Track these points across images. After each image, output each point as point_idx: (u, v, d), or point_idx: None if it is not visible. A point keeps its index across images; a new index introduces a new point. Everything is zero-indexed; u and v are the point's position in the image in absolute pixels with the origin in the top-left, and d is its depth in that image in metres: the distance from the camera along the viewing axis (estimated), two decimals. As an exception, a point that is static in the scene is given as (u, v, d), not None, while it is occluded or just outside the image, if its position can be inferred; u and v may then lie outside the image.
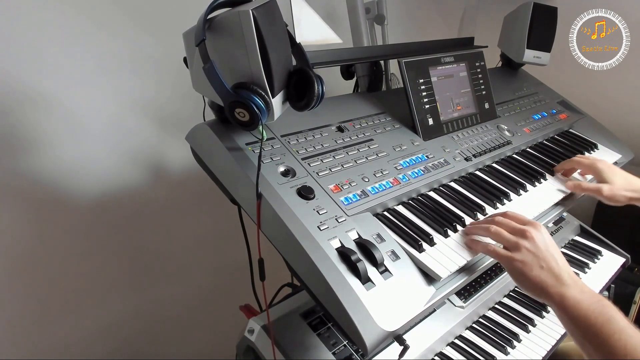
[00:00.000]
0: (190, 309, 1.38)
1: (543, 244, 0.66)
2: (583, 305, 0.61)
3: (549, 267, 0.64)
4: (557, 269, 0.64)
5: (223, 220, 1.22)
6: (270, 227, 0.63)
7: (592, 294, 0.63)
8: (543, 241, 0.66)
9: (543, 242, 0.66)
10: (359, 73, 1.07)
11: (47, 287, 1.07)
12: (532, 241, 0.66)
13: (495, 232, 0.68)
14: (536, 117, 1.17)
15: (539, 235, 0.66)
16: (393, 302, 0.59)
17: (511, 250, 0.66)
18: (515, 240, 0.66)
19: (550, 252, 0.66)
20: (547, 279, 0.64)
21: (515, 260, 0.65)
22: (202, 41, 0.59)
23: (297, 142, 0.73)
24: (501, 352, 0.92)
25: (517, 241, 0.66)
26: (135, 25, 1.07)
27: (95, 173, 1.09)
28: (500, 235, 0.68)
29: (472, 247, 0.69)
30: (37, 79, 0.96)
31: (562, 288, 0.63)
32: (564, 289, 0.63)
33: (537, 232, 0.67)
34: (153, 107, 1.15)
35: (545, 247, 0.66)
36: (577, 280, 0.65)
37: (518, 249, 0.66)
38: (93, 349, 1.19)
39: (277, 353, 0.71)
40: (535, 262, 0.64)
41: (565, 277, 0.64)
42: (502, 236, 0.67)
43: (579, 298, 0.62)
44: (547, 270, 0.64)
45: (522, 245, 0.65)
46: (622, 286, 1.45)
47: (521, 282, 0.66)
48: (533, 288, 0.65)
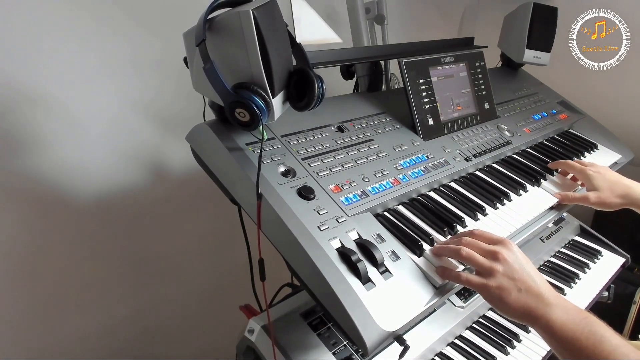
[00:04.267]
0: (190, 309, 1.38)
1: (517, 264, 0.61)
2: (570, 327, 0.57)
3: (527, 288, 0.60)
4: (535, 288, 0.60)
5: (223, 220, 1.21)
6: (271, 227, 0.63)
7: (577, 311, 0.60)
8: (516, 261, 0.62)
9: (517, 262, 0.62)
10: (359, 73, 1.07)
11: (47, 287, 1.07)
12: (505, 263, 0.61)
13: (466, 256, 0.63)
14: (536, 117, 1.17)
15: (511, 256, 0.62)
16: (393, 303, 0.59)
17: (485, 276, 0.61)
18: (489, 265, 0.61)
19: (526, 271, 0.61)
20: (528, 300, 0.59)
21: (490, 287, 0.60)
22: (203, 41, 0.59)
23: (297, 142, 0.73)
24: (501, 352, 0.92)
25: (490, 265, 0.61)
26: (135, 25, 1.07)
27: (95, 173, 1.09)
28: (472, 259, 0.62)
29: (442, 275, 0.64)
30: (37, 79, 0.96)
31: (547, 309, 0.59)
32: (549, 311, 0.59)
33: (509, 252, 0.62)
34: (153, 107, 1.15)
35: (520, 267, 0.61)
36: (558, 297, 0.61)
37: (492, 274, 0.61)
38: (93, 348, 1.19)
39: (277, 353, 0.71)
40: (512, 285, 0.60)
41: (546, 294, 0.60)
42: (474, 260, 0.62)
43: (564, 319, 0.58)
44: (526, 291, 0.60)
45: (496, 270, 0.61)
46: (622, 286, 1.45)
47: (501, 308, 0.61)
48: (515, 312, 0.60)
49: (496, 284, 0.60)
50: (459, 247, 0.64)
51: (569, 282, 1.12)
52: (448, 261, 0.67)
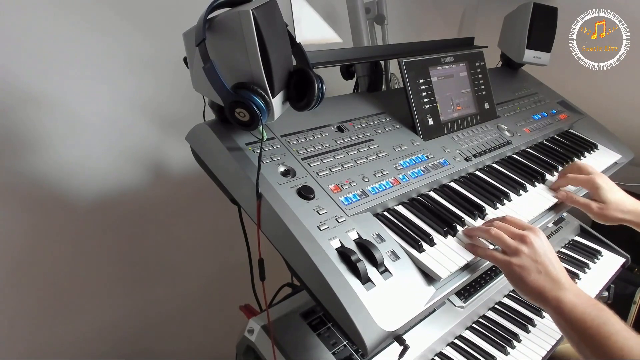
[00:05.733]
0: (190, 309, 1.38)
1: (542, 249, 0.67)
2: (579, 309, 0.62)
3: (546, 272, 0.65)
4: (554, 273, 0.65)
5: (223, 220, 1.21)
6: (271, 227, 0.63)
7: (588, 297, 0.64)
8: (542, 246, 0.67)
9: (542, 248, 0.67)
10: (359, 73, 1.07)
11: (47, 287, 1.07)
12: (531, 246, 0.66)
13: (495, 235, 0.68)
14: (536, 117, 1.17)
15: (537, 241, 0.67)
16: (393, 302, 0.59)
17: (510, 255, 0.67)
18: (515, 245, 0.67)
19: (548, 257, 0.66)
20: (545, 283, 0.64)
21: (513, 264, 0.66)
22: (202, 41, 0.59)
23: (297, 142, 0.73)
24: (501, 352, 0.92)
25: (516, 246, 0.67)
26: (136, 25, 1.07)
27: (95, 173, 1.09)
28: (500, 238, 0.68)
29: (471, 251, 0.70)
30: (37, 79, 0.96)
31: (560, 292, 0.64)
32: (561, 293, 0.64)
33: (536, 238, 0.67)
34: (153, 107, 1.15)
35: (544, 252, 0.66)
36: (573, 285, 0.66)
37: (517, 253, 0.66)
38: (93, 348, 1.19)
39: (277, 353, 0.71)
40: (533, 267, 0.65)
41: (563, 281, 0.65)
42: (502, 239, 0.68)
43: (575, 302, 0.63)
44: (545, 274, 0.65)
45: (521, 251, 0.66)
46: (622, 286, 1.44)
47: (519, 286, 0.67)
48: (531, 292, 0.65)
49: (519, 262, 0.66)
50: (489, 227, 0.70)
51: (569, 282, 1.12)
52: (478, 240, 0.72)
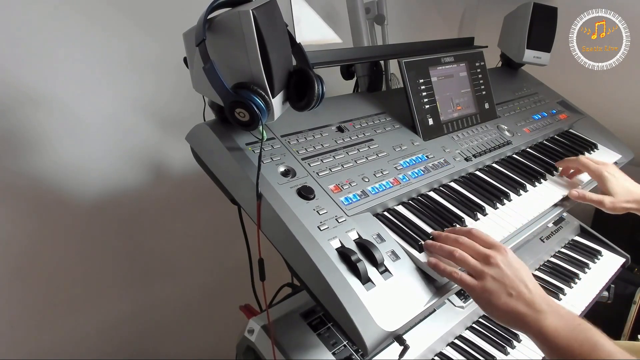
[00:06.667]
0: (190, 309, 1.38)
1: (510, 270, 0.61)
2: (563, 335, 0.57)
3: (518, 294, 0.59)
4: (528, 295, 0.60)
5: (223, 221, 1.21)
6: (271, 227, 0.63)
7: (570, 317, 0.59)
8: (509, 266, 0.62)
9: (509, 268, 0.61)
10: (359, 73, 1.07)
11: (47, 287, 1.07)
12: (497, 267, 0.61)
13: (460, 258, 0.63)
14: (536, 117, 1.17)
15: (504, 260, 0.62)
16: (393, 302, 0.59)
17: (476, 278, 0.62)
18: (480, 269, 0.62)
19: (519, 277, 0.61)
20: (518, 306, 0.59)
21: (479, 289, 0.61)
22: (202, 41, 0.59)
23: (297, 142, 0.73)
24: (501, 352, 0.92)
25: (482, 269, 0.61)
26: (136, 25, 1.07)
27: (95, 173, 1.09)
28: (465, 261, 0.63)
29: (437, 269, 0.64)
30: (37, 79, 0.96)
31: (538, 316, 0.58)
32: (541, 317, 0.58)
33: (502, 257, 0.62)
34: (153, 107, 1.15)
35: (513, 273, 0.61)
36: (552, 304, 0.60)
37: (483, 277, 0.61)
38: (93, 349, 1.19)
39: (277, 353, 0.71)
40: (502, 289, 0.60)
41: (539, 302, 0.59)
42: (466, 262, 0.63)
43: (558, 326, 0.58)
44: (517, 297, 0.59)
45: (487, 273, 0.61)
46: (622, 286, 1.45)
47: (489, 312, 0.62)
48: (504, 317, 0.60)
49: (485, 286, 0.61)
50: (453, 248, 0.64)
51: (569, 282, 1.12)
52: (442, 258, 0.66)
